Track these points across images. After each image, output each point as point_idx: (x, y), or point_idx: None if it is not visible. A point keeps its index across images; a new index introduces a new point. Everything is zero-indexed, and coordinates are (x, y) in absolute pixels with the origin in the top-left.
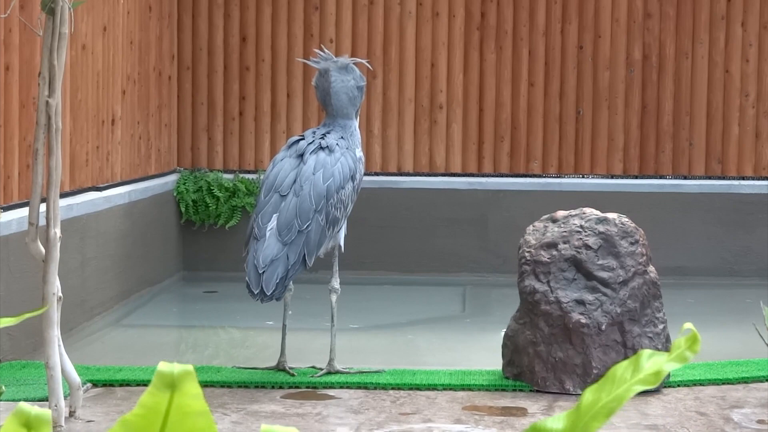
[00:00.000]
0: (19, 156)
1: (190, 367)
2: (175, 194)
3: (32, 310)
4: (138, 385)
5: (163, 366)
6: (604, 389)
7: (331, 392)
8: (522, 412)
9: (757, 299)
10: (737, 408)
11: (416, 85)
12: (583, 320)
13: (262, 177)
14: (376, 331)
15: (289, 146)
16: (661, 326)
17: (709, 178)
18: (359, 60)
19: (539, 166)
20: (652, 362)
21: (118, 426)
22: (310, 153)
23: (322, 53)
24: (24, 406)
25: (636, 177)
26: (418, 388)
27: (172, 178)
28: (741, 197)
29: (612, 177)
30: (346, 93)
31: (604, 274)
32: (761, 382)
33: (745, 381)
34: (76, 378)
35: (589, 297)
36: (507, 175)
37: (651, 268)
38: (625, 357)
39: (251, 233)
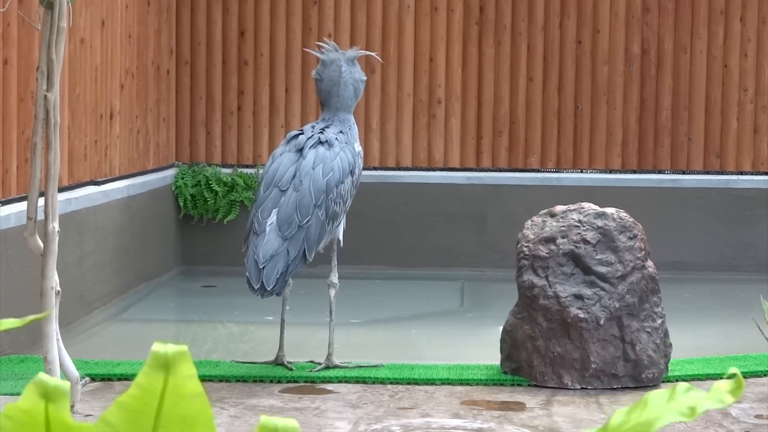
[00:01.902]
0: (18, 150)
1: (184, 348)
2: (173, 189)
3: (35, 313)
4: None
5: (157, 346)
6: (635, 411)
7: (329, 387)
8: (520, 406)
9: (756, 294)
10: (735, 402)
11: (415, 79)
12: (582, 315)
13: (260, 171)
14: (375, 325)
15: (288, 141)
16: (659, 321)
17: (708, 172)
18: (370, 53)
19: (538, 160)
20: (688, 396)
21: (114, 408)
22: (310, 147)
23: (327, 45)
24: (43, 376)
25: (634, 172)
26: (416, 382)
27: (170, 172)
28: (739, 192)
29: (610, 172)
30: (353, 84)
31: (602, 269)
32: (759, 377)
33: (743, 376)
34: (74, 372)
35: (587, 292)
36: (505, 170)
37: (649, 263)
38: (623, 352)
39: (251, 228)
